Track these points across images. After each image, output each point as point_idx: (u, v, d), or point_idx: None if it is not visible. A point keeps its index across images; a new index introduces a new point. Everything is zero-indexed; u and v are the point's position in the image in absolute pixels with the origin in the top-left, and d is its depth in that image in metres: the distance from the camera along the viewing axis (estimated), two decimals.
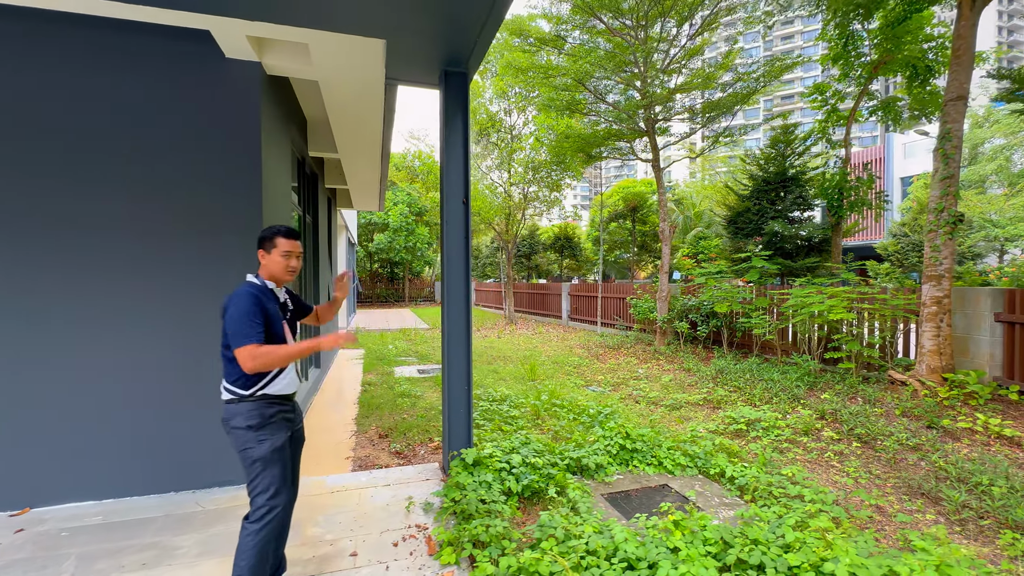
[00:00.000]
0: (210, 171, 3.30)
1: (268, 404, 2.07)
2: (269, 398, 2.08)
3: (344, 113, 4.45)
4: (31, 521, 2.89)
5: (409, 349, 10.09)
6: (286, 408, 2.15)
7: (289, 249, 2.18)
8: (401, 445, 4.25)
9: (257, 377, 2.05)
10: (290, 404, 2.20)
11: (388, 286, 27.18)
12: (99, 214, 3.10)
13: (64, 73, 3.04)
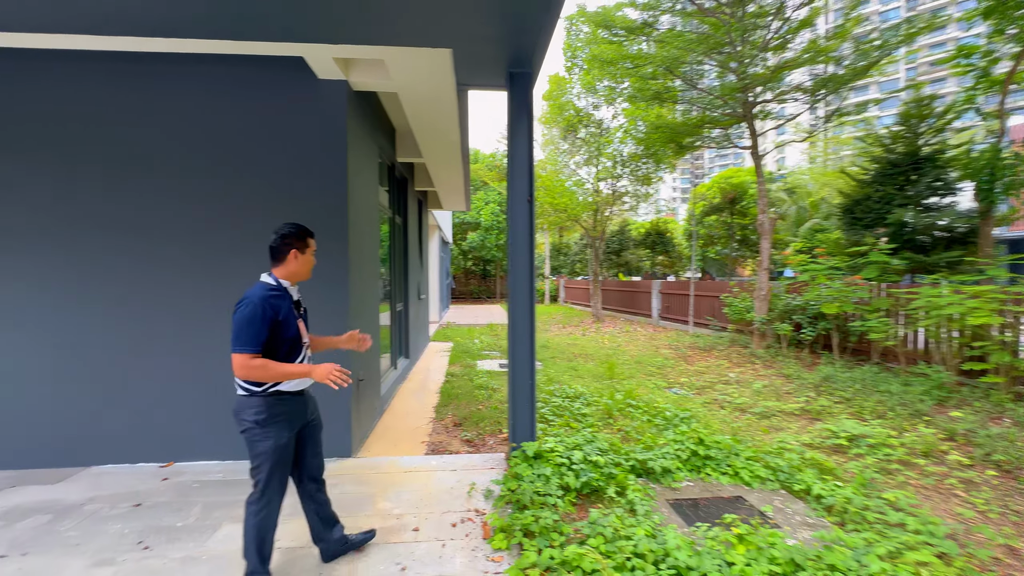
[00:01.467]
0: (301, 182, 3.75)
1: (279, 400, 2.14)
2: (281, 394, 2.15)
3: (423, 120, 4.76)
4: (174, 472, 3.54)
5: (493, 344, 10.42)
6: (296, 404, 2.22)
7: (315, 248, 2.34)
8: (472, 434, 4.45)
9: None
10: (300, 400, 2.26)
11: (480, 283, 28.22)
12: (213, 221, 3.69)
13: (192, 102, 3.66)
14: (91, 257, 3.63)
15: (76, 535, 2.70)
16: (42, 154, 3.58)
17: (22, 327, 3.59)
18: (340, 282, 3.79)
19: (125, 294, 3.65)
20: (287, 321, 2.14)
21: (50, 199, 3.59)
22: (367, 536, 2.59)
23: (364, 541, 2.58)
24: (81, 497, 3.15)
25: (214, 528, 2.78)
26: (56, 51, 3.46)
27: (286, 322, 2.13)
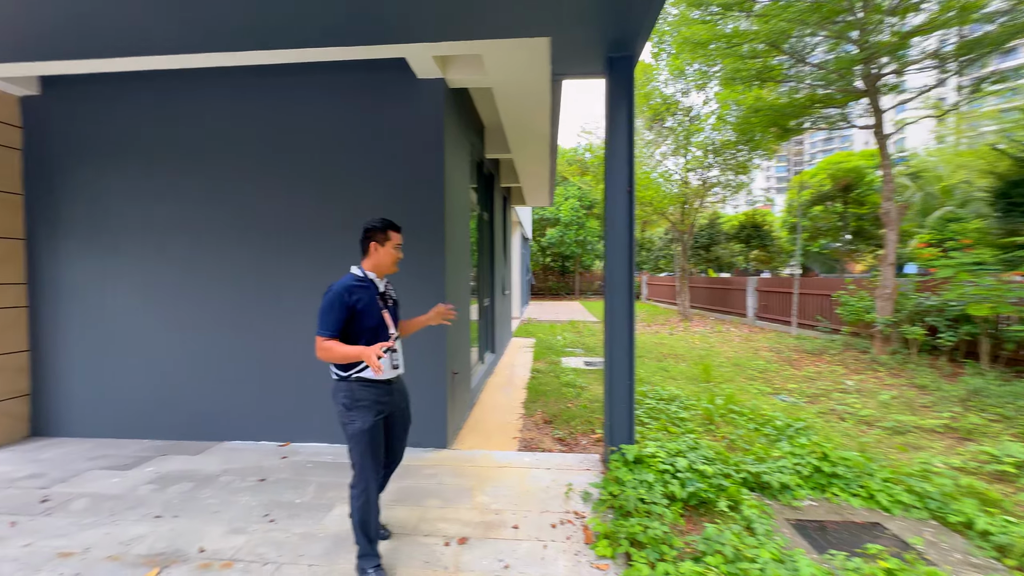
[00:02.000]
0: (401, 181, 3.87)
1: (362, 387, 2.23)
2: (364, 381, 2.23)
3: (515, 114, 4.73)
4: (291, 451, 3.84)
5: (576, 341, 10.25)
6: (380, 392, 2.26)
7: (399, 242, 2.37)
8: (564, 432, 4.36)
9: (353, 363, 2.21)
10: (385, 388, 2.29)
11: (559, 279, 28.03)
12: (327, 220, 3.93)
13: (307, 108, 3.93)
14: (223, 253, 4.04)
15: (215, 503, 3.00)
16: (187, 162, 4.05)
17: (172, 319, 4.09)
18: (437, 277, 3.87)
19: (252, 287, 4.02)
20: (367, 311, 2.22)
21: (192, 201, 4.05)
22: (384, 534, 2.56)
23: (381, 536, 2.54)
24: (217, 469, 3.52)
25: (328, 507, 2.95)
26: (198, 70, 3.88)
27: (366, 312, 2.21)
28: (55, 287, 4.19)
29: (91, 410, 4.19)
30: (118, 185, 4.13)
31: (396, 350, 2.33)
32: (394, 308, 2.41)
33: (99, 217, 4.14)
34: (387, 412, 2.31)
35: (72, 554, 2.46)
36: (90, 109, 4.12)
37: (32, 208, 4.19)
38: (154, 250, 4.10)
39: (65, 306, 4.18)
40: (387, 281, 2.44)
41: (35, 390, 4.23)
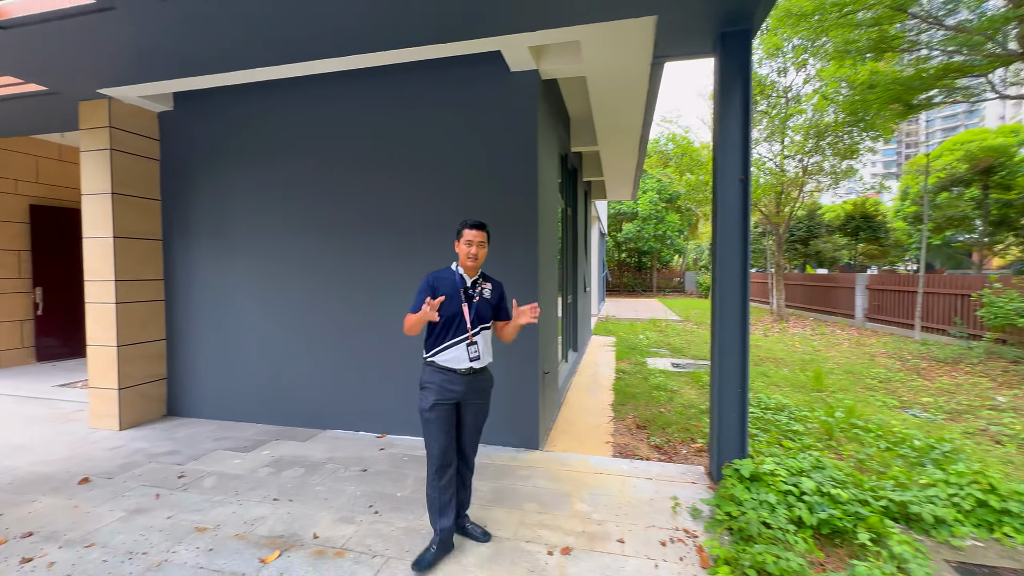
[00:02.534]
0: (495, 176, 3.81)
1: (433, 370, 2.40)
2: (436, 366, 2.40)
3: (607, 103, 4.51)
4: (388, 444, 3.96)
5: (660, 341, 9.76)
6: (450, 378, 2.37)
7: (471, 238, 2.41)
8: (660, 440, 4.10)
9: (431, 345, 2.42)
10: (456, 376, 2.38)
11: (635, 275, 27.08)
12: (428, 218, 3.98)
13: (403, 109, 4.00)
14: (328, 253, 4.24)
15: (323, 490, 3.15)
16: (294, 166, 4.30)
17: (283, 314, 4.38)
18: (529, 274, 3.78)
19: (354, 286, 4.19)
20: (447, 301, 2.35)
21: (299, 203, 4.30)
22: (485, 536, 2.56)
23: (479, 537, 2.55)
24: (323, 456, 3.70)
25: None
26: (300, 79, 4.10)
27: (446, 301, 2.34)
28: (187, 283, 4.66)
29: (215, 395, 4.61)
30: (234, 189, 4.49)
31: (475, 343, 2.40)
32: (480, 305, 2.45)
33: (220, 219, 4.53)
34: (455, 400, 2.38)
35: (206, 529, 2.67)
36: (211, 120, 4.51)
37: (168, 212, 4.69)
38: (266, 250, 4.41)
39: (195, 300, 4.64)
40: (481, 279, 2.52)
41: (170, 375, 4.75)
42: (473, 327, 2.40)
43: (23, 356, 6.77)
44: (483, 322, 2.45)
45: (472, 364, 2.40)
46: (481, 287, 2.48)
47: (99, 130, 4.26)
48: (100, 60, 3.54)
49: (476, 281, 2.48)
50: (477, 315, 2.43)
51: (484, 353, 2.46)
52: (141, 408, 4.50)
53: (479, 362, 2.43)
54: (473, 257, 2.41)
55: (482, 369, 2.47)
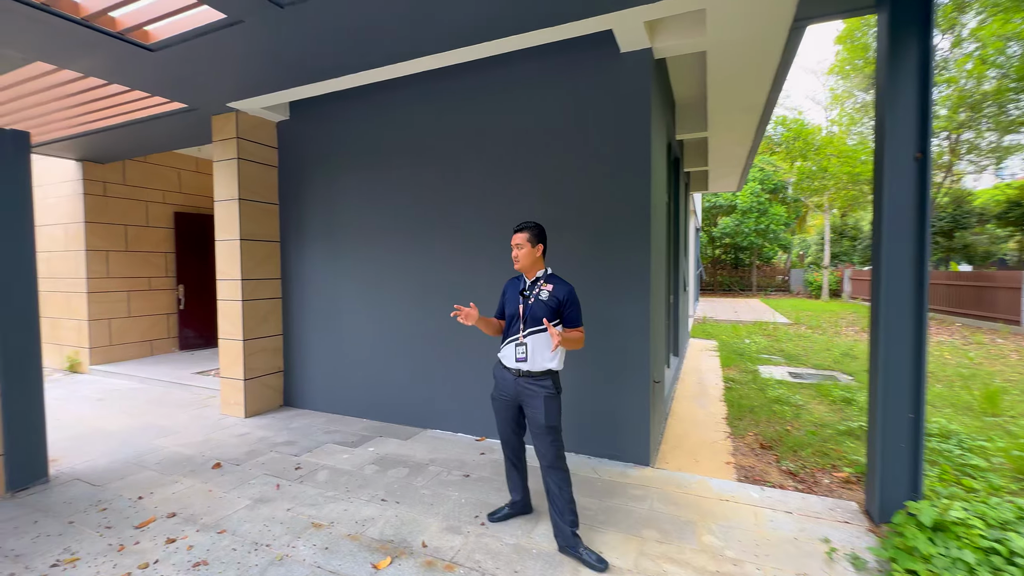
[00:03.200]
0: (602, 170, 3.52)
1: (496, 365, 2.62)
2: (499, 361, 2.60)
3: (728, 81, 4.02)
4: (487, 448, 3.85)
5: (771, 346, 8.80)
6: (504, 374, 2.54)
7: (511, 242, 2.53)
8: (794, 465, 3.55)
9: (500, 341, 2.62)
10: (506, 373, 2.52)
11: (731, 273, 25.07)
12: (518, 216, 3.80)
13: (503, 103, 3.84)
14: (430, 252, 4.24)
15: (428, 494, 3.09)
16: (395, 167, 4.35)
17: (386, 313, 4.46)
18: (641, 274, 3.45)
19: (455, 286, 4.14)
20: (509, 302, 2.60)
21: (401, 203, 4.34)
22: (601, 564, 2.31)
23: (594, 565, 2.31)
24: (425, 457, 3.68)
25: (535, 519, 2.78)
26: (401, 80, 4.11)
27: (508, 302, 2.61)
28: (300, 282, 4.93)
29: (324, 389, 4.84)
30: (341, 193, 4.65)
31: (523, 344, 2.44)
32: (534, 307, 2.45)
33: (328, 222, 4.73)
34: (508, 398, 2.53)
35: (322, 526, 2.71)
36: (321, 128, 4.72)
37: (284, 215, 5.00)
38: (370, 252, 4.52)
39: (307, 299, 4.90)
40: (543, 281, 2.52)
41: (286, 368, 5.07)
42: (527, 328, 2.45)
43: (169, 345, 7.73)
44: (534, 324, 2.44)
45: (519, 365, 2.45)
46: (539, 289, 2.48)
47: (228, 141, 4.64)
48: (230, 75, 3.80)
49: (534, 283, 2.52)
50: (530, 316, 2.45)
51: (534, 356, 2.44)
52: (263, 398, 4.85)
53: (526, 364, 2.43)
54: (515, 259, 2.51)
55: (535, 372, 2.44)
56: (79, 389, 5.90)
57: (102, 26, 3.03)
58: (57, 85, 4.16)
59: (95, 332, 6.81)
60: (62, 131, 5.40)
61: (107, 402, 5.28)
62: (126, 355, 7.15)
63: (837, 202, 14.50)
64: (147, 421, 4.60)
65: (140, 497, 3.06)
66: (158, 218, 7.55)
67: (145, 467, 3.54)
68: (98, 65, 3.57)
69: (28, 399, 3.20)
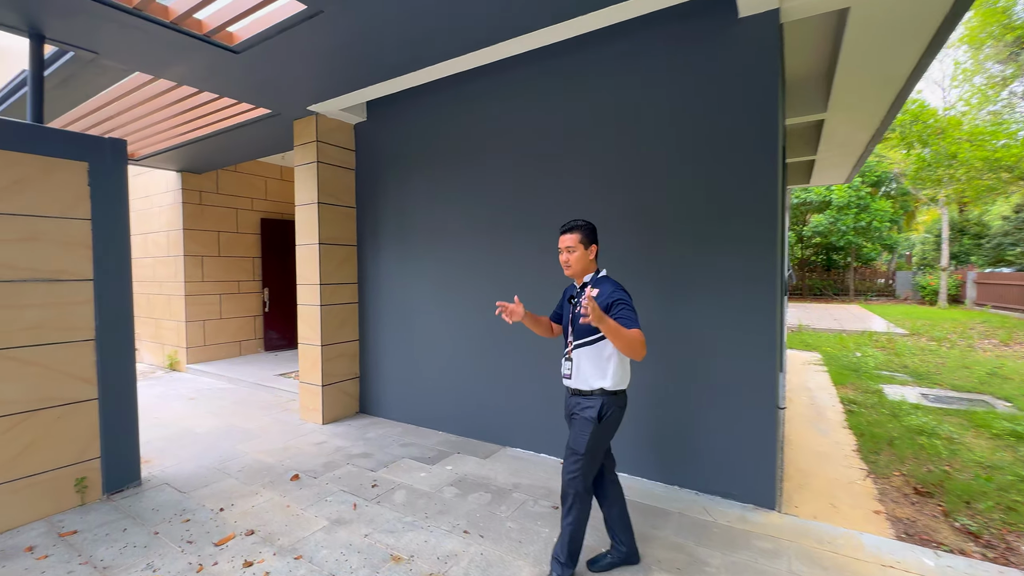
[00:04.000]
0: (712, 157, 3.00)
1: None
2: None
3: (871, 45, 3.33)
4: None
5: (890, 362, 7.61)
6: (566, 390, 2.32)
7: (560, 245, 2.26)
8: (972, 521, 2.81)
9: None
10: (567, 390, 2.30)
11: (823, 276, 22.71)
12: (607, 214, 3.35)
13: (592, 89, 3.42)
14: (508, 256, 3.91)
15: (515, 528, 2.73)
16: (471, 165, 4.07)
17: (463, 320, 4.19)
18: (766, 280, 2.89)
19: (539, 292, 3.78)
20: (562, 311, 2.41)
21: (479, 204, 4.05)
22: None
23: None
24: (507, 481, 3.33)
25: (645, 569, 2.33)
26: (470, 73, 3.82)
27: (562, 311, 2.41)
28: (376, 286, 4.81)
29: (399, 397, 4.67)
30: (414, 192, 4.46)
31: (570, 359, 2.22)
32: (578, 315, 2.11)
33: (402, 224, 4.56)
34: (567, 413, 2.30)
35: (401, 559, 2.44)
36: (396, 127, 4.56)
37: (361, 218, 4.90)
38: (444, 254, 4.28)
39: (382, 303, 4.76)
40: (591, 285, 2.24)
41: (362, 374, 4.97)
42: (574, 340, 2.22)
43: (255, 346, 8.06)
44: (580, 336, 2.19)
45: (566, 382, 2.25)
46: (580, 292, 2.26)
47: (308, 145, 4.61)
48: (309, 74, 3.70)
49: (583, 288, 2.26)
50: (575, 328, 2.22)
51: (579, 371, 2.18)
52: (339, 404, 4.77)
53: (571, 381, 2.21)
54: (565, 264, 2.24)
55: (584, 391, 2.18)
56: (176, 387, 6.22)
57: (190, 29, 3.00)
58: (155, 96, 4.31)
59: (191, 332, 7.22)
60: (162, 143, 5.71)
61: (198, 401, 5.48)
62: (217, 355, 7.52)
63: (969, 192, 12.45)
64: (232, 423, 4.67)
65: (221, 509, 2.97)
66: (247, 224, 7.91)
67: (228, 474, 3.50)
68: (189, 72, 3.61)
69: (123, 403, 3.24)
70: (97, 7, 2.71)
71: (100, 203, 3.12)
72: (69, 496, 3.00)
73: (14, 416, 2.79)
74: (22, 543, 2.62)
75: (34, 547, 2.58)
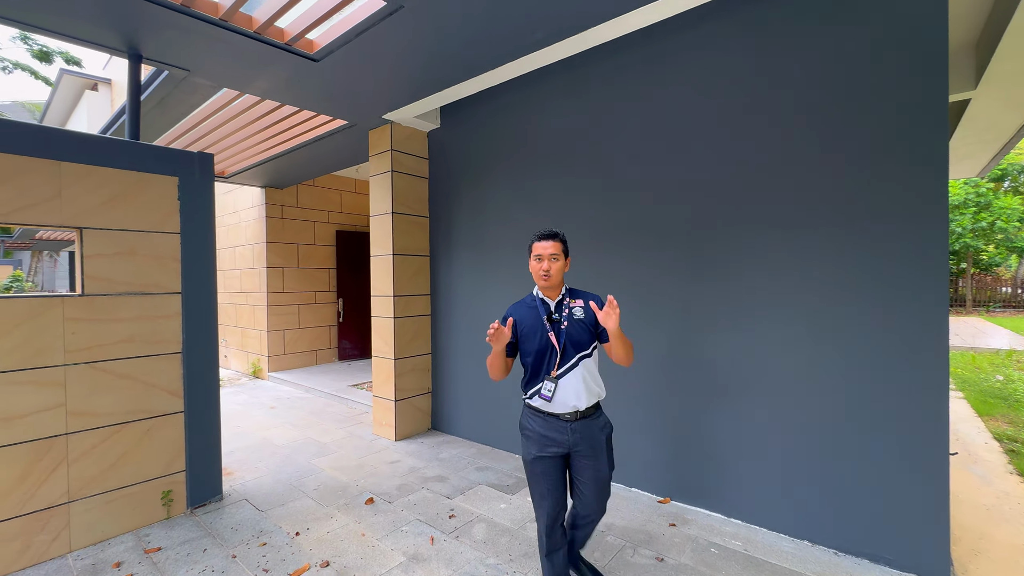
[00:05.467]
0: (869, 136, 2.47)
1: (528, 413, 2.09)
2: (530, 408, 2.09)
3: None
4: (678, 517, 2.97)
5: None
6: (545, 424, 2.02)
7: (540, 252, 2.05)
8: None
9: (527, 386, 2.09)
10: (555, 422, 2.00)
11: None
12: (727, 211, 2.89)
13: (708, 64, 3.00)
14: (594, 266, 3.55)
15: None
16: (548, 168, 3.76)
17: None
18: (938, 287, 2.32)
19: (645, 307, 3.39)
20: (529, 331, 2.06)
21: (558, 209, 3.73)
22: None
23: None
24: (603, 520, 2.94)
25: None
26: (547, 72, 3.52)
27: (527, 335, 2.07)
28: (448, 297, 4.62)
29: (471, 415, 4.42)
30: (490, 200, 4.22)
31: (555, 381, 1.99)
32: (572, 329, 2.02)
33: (477, 232, 4.33)
34: (557, 450, 2.01)
35: None
36: (470, 132, 4.36)
37: (433, 228, 4.75)
38: (521, 262, 3.99)
39: (455, 316, 4.56)
40: (568, 296, 2.09)
41: (434, 389, 4.79)
42: (567, 358, 2.00)
43: (330, 355, 8.24)
44: (580, 349, 2.02)
45: (561, 409, 2.00)
46: (570, 307, 2.06)
47: (383, 155, 4.53)
48: (386, 79, 3.59)
49: (561, 302, 2.08)
50: (570, 342, 2.01)
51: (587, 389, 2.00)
52: (412, 420, 4.61)
53: (576, 403, 1.98)
54: (545, 274, 2.03)
55: (590, 410, 2.02)
56: (258, 395, 6.42)
57: (271, 38, 2.96)
58: (240, 113, 4.43)
59: (272, 342, 7.48)
60: (248, 160, 5.94)
61: (278, 411, 5.58)
62: (295, 363, 7.75)
63: None
64: (308, 436, 4.65)
65: (297, 533, 2.83)
66: (323, 237, 8.14)
67: (304, 492, 3.39)
68: (271, 85, 3.61)
69: (207, 416, 3.23)
70: (186, 20, 2.72)
71: (189, 217, 3.14)
72: (156, 509, 3.00)
73: (108, 428, 2.82)
74: (111, 558, 2.61)
75: (121, 563, 2.56)
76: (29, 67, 9.11)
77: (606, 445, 2.03)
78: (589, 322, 2.04)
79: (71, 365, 2.70)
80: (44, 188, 2.62)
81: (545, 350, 2.02)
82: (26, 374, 2.57)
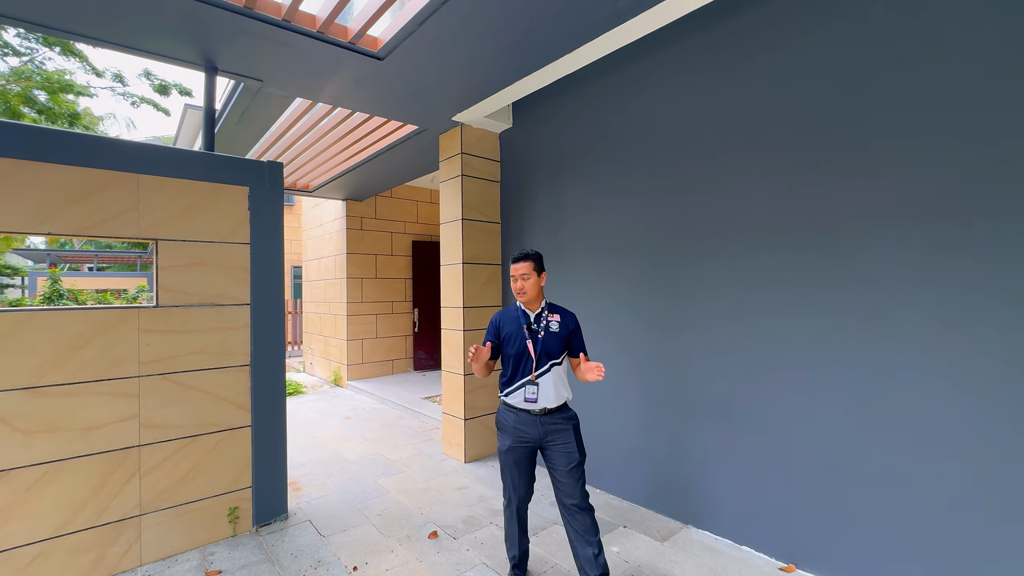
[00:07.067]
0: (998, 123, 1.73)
1: (505, 410, 2.32)
2: (507, 405, 2.31)
3: None
4: None
5: None
6: (518, 419, 2.25)
7: (513, 273, 2.30)
8: None
9: (504, 384, 2.32)
10: (523, 416, 2.24)
11: None
12: (826, 207, 2.22)
13: (821, 33, 2.37)
14: (669, 276, 2.99)
15: None
16: (629, 165, 3.27)
17: (638, 351, 3.37)
18: None
19: (730, 319, 2.80)
20: (510, 337, 2.30)
21: (638, 210, 3.23)
22: None
23: None
24: None
25: None
26: (640, 41, 3.04)
27: (508, 339, 2.31)
28: None
29: None
30: (569, 201, 3.80)
31: (536, 384, 2.22)
32: (546, 340, 2.27)
33: (554, 236, 3.93)
34: (529, 441, 2.24)
35: None
36: (545, 128, 3.99)
37: (505, 234, 4.44)
38: (605, 274, 3.52)
39: None
40: (547, 311, 2.33)
41: None
42: (540, 364, 2.23)
43: (405, 365, 8.26)
44: (552, 358, 2.25)
45: (544, 403, 2.21)
46: (547, 320, 2.30)
47: (453, 159, 4.32)
48: (455, 73, 3.34)
49: (540, 315, 2.31)
50: (544, 351, 2.24)
51: (555, 391, 2.23)
52: (482, 441, 4.29)
53: (543, 402, 2.21)
54: (520, 291, 2.29)
55: (558, 408, 2.25)
56: (336, 404, 6.50)
57: (334, 36, 2.82)
58: (316, 123, 4.45)
59: (351, 351, 7.63)
60: (328, 173, 6.08)
61: (352, 422, 5.56)
62: (373, 372, 7.84)
63: None
64: (378, 451, 4.51)
65: (355, 568, 2.59)
66: (400, 247, 8.22)
67: (367, 518, 3.18)
68: (339, 91, 3.52)
69: (274, 432, 3.14)
70: (253, 24, 2.65)
71: (258, 227, 3.09)
72: (222, 526, 2.92)
73: (178, 440, 2.79)
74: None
75: None
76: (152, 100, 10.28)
77: (574, 434, 2.23)
78: (562, 336, 2.29)
79: (144, 376, 2.70)
80: (123, 201, 2.66)
81: (522, 355, 2.26)
82: (105, 384, 2.59)
